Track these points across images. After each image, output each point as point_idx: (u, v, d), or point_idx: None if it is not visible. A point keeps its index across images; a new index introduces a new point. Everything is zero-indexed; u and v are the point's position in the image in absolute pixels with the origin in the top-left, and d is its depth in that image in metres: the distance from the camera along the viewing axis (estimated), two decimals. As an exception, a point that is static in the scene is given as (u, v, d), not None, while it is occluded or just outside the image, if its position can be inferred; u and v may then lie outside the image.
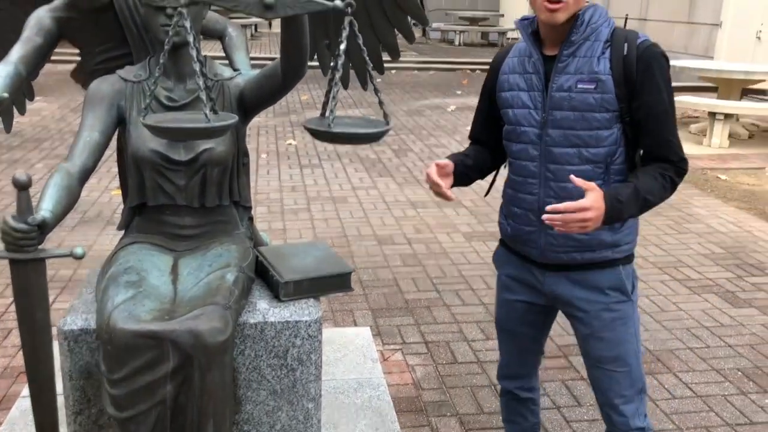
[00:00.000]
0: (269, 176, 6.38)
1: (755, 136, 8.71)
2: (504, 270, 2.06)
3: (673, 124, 1.77)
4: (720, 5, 12.82)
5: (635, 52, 1.72)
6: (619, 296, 1.88)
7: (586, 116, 1.74)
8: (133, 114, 2.09)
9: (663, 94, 1.73)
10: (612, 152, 1.77)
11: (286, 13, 1.68)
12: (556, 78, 1.77)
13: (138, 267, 2.01)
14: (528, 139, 1.83)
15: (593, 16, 1.75)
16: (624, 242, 1.86)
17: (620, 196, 1.68)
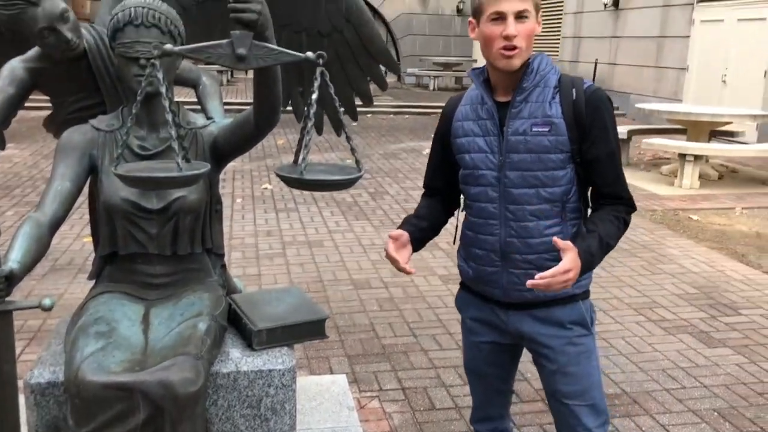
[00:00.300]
0: (244, 221, 6.35)
1: (724, 176, 8.90)
2: (467, 313, 2.10)
3: (620, 163, 1.90)
4: (686, 50, 13.22)
5: (583, 96, 1.81)
6: (581, 330, 1.95)
7: (542, 158, 1.82)
8: (105, 163, 2.09)
9: (610, 134, 1.84)
10: (567, 191, 1.85)
11: (258, 65, 1.71)
12: (511, 123, 1.84)
13: (108, 317, 1.98)
14: (487, 181, 1.89)
15: (541, 64, 1.84)
16: (582, 278, 1.91)
17: (591, 249, 1.78)
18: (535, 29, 1.78)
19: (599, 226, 1.83)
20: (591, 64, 16.44)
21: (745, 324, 4.22)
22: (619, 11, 15.41)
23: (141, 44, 1.96)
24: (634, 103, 11.67)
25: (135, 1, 2.00)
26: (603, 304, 4.48)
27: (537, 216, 1.85)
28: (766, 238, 6.19)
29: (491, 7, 1.75)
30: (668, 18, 13.73)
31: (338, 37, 2.75)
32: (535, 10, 1.77)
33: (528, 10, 1.74)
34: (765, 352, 3.83)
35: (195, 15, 2.63)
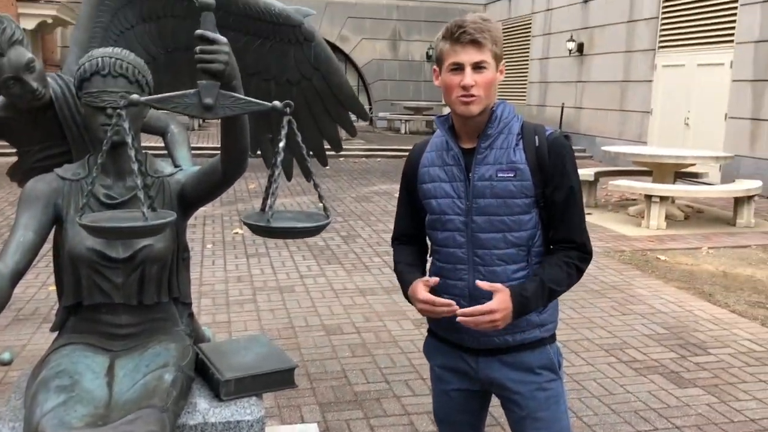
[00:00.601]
0: (215, 267, 6.29)
1: (690, 217, 9.07)
2: (435, 361, 2.09)
3: (581, 209, 1.91)
4: (649, 94, 13.60)
5: (546, 143, 1.86)
6: (549, 375, 1.96)
7: (508, 202, 1.85)
8: (70, 213, 2.07)
9: (572, 180, 1.88)
10: (533, 235, 1.88)
11: (225, 114, 1.72)
12: (477, 168, 1.87)
13: (71, 370, 1.94)
14: (454, 226, 1.91)
15: (503, 111, 1.89)
16: (549, 321, 1.96)
17: (525, 292, 1.81)
18: (494, 79, 1.82)
19: (545, 270, 1.86)
20: (557, 108, 16.82)
21: (714, 363, 4.26)
22: (584, 57, 15.85)
23: (108, 94, 1.96)
24: (600, 146, 11.93)
25: (102, 51, 2.01)
26: (575, 346, 4.49)
27: (504, 260, 1.87)
28: (732, 277, 6.29)
29: (450, 57, 1.80)
30: (631, 63, 14.15)
31: (307, 84, 2.78)
32: (494, 60, 1.81)
33: (485, 61, 1.79)
34: (734, 392, 3.85)
35: (164, 63, 2.65)
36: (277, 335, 4.58)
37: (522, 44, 18.93)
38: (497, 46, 1.81)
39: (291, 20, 2.61)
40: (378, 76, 21.86)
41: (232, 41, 2.49)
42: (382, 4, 21.49)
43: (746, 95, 11.15)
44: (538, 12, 18.03)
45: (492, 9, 21.02)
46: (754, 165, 10.91)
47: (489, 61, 1.79)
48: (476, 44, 1.77)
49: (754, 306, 5.43)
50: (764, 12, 10.77)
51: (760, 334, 4.78)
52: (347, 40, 21.41)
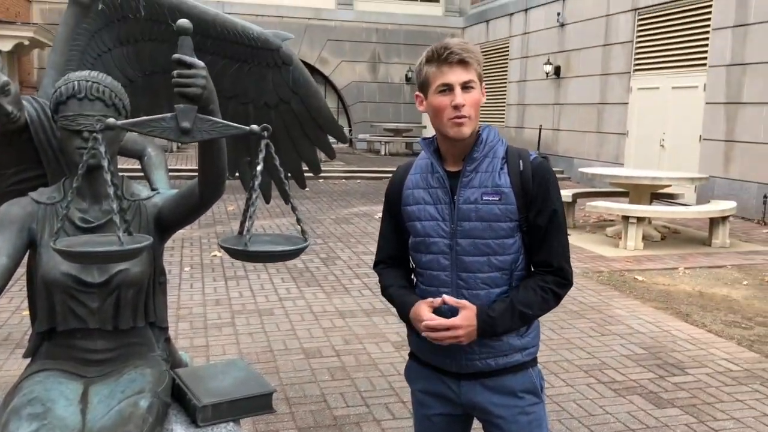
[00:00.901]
0: (192, 290, 6.23)
1: (667, 237, 9.17)
2: (416, 385, 2.08)
3: (562, 234, 1.90)
4: (625, 116, 13.81)
5: (530, 167, 1.88)
6: (532, 398, 1.96)
7: (492, 226, 1.85)
8: (44, 237, 2.04)
9: (555, 204, 1.89)
10: (516, 259, 1.89)
11: (203, 138, 1.71)
12: (462, 191, 1.88)
13: (43, 397, 1.90)
14: (438, 249, 1.91)
15: (489, 135, 1.91)
16: (531, 345, 1.96)
17: (491, 312, 1.82)
18: (480, 99, 1.84)
19: (518, 292, 1.86)
20: (536, 129, 17.01)
21: (692, 383, 4.29)
22: (561, 79, 16.08)
23: (84, 117, 1.95)
24: (577, 167, 12.07)
25: (79, 75, 2.00)
26: (554, 367, 4.50)
27: (488, 284, 1.87)
28: (708, 297, 6.36)
29: (438, 79, 1.81)
30: (607, 86, 14.38)
31: (285, 108, 2.79)
32: (479, 80, 1.83)
33: (473, 80, 1.81)
34: (712, 412, 3.88)
35: (142, 87, 2.64)
36: (256, 359, 4.54)
37: (500, 67, 19.16)
38: (480, 68, 1.84)
39: (269, 44, 2.62)
40: (358, 98, 21.98)
41: (210, 65, 2.50)
42: (362, 27, 21.68)
43: (719, 117, 11.36)
44: (516, 35, 18.29)
45: (470, 32, 21.29)
46: (728, 186, 11.09)
47: (475, 80, 1.82)
48: (464, 64, 1.79)
49: (730, 325, 5.48)
50: (735, 36, 11.03)
51: (736, 354, 4.83)
52: (327, 63, 21.53)
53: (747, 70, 10.82)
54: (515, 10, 18.22)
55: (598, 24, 14.66)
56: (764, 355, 4.80)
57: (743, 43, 10.88)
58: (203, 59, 1.77)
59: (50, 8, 18.58)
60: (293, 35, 2.94)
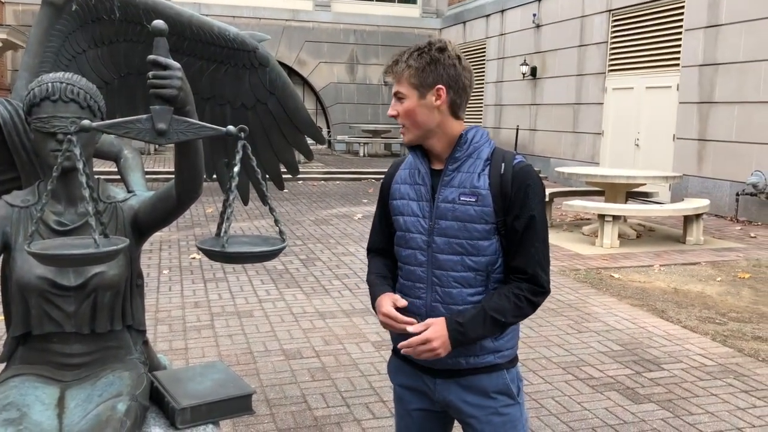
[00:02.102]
0: (171, 293, 6.19)
1: (642, 235, 9.29)
2: (397, 380, 2.09)
3: (540, 242, 1.87)
4: (600, 116, 13.95)
5: (511, 171, 1.87)
6: (506, 400, 1.95)
7: (467, 226, 1.86)
8: (19, 240, 2.02)
9: (533, 210, 1.86)
10: (492, 261, 1.88)
11: (179, 139, 1.71)
12: (442, 190, 1.90)
13: (19, 402, 1.88)
14: (416, 245, 1.93)
15: (475, 136, 1.91)
16: (506, 347, 1.95)
17: (460, 318, 1.82)
18: (413, 108, 1.86)
19: (491, 299, 1.85)
20: (512, 130, 17.13)
21: (667, 379, 4.35)
22: (537, 80, 16.21)
23: (58, 119, 1.94)
24: (554, 167, 12.17)
25: (53, 76, 1.98)
26: (532, 364, 4.54)
27: (461, 283, 1.88)
28: (683, 293, 6.45)
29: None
30: (582, 86, 14.52)
31: (263, 109, 2.79)
32: (414, 89, 1.84)
33: (400, 92, 1.86)
34: (688, 406, 3.94)
35: (117, 88, 2.63)
36: (236, 361, 4.52)
37: (477, 68, 19.26)
38: (418, 77, 1.83)
39: (246, 45, 2.62)
40: (336, 100, 21.96)
41: (186, 66, 2.50)
42: (340, 29, 21.67)
43: (692, 117, 11.53)
44: (492, 36, 18.40)
45: (447, 33, 21.38)
46: (701, 184, 11.26)
47: (404, 92, 1.85)
48: (394, 76, 1.86)
49: (705, 321, 5.57)
50: (707, 37, 11.20)
51: (710, 349, 4.91)
52: (305, 64, 21.49)
53: (719, 70, 11.00)
54: (492, 12, 18.34)
55: (573, 25, 14.80)
56: (737, 350, 4.89)
57: (715, 43, 11.05)
58: (179, 60, 1.77)
59: (23, 9, 18.34)
60: (270, 36, 2.94)
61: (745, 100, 10.52)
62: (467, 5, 20.18)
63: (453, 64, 1.84)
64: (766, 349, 4.90)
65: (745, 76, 10.50)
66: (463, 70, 1.86)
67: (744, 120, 10.55)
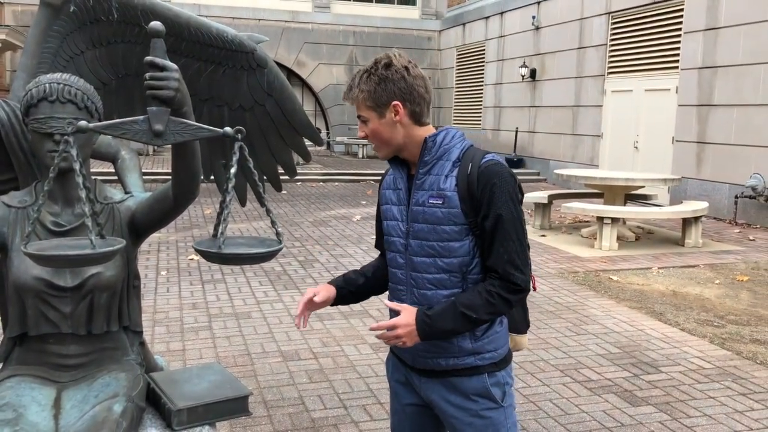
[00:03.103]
0: (169, 294, 6.18)
1: (641, 238, 9.29)
2: (393, 375, 2.13)
3: (510, 240, 1.84)
4: (600, 118, 13.96)
5: (477, 171, 1.86)
6: (487, 403, 1.95)
7: (436, 228, 1.88)
8: (15, 241, 2.02)
9: (500, 209, 1.82)
10: (466, 263, 1.88)
11: (176, 140, 1.71)
12: (415, 193, 1.93)
13: (15, 403, 1.88)
14: (396, 248, 1.98)
15: (445, 138, 1.92)
16: (487, 350, 1.94)
17: (429, 311, 1.84)
18: (376, 128, 1.87)
19: (463, 294, 1.86)
20: (512, 132, 17.13)
21: (665, 381, 4.35)
22: (536, 82, 16.22)
23: (55, 120, 1.94)
24: (553, 169, 12.17)
25: (50, 77, 1.98)
26: (530, 367, 4.54)
27: (435, 285, 1.90)
28: (681, 296, 6.45)
29: None
30: (582, 88, 14.53)
31: (260, 110, 2.79)
32: (373, 111, 1.86)
33: (362, 116, 1.88)
34: (685, 409, 3.94)
35: (115, 89, 2.63)
36: (233, 362, 4.52)
37: (476, 70, 19.28)
38: (372, 99, 1.84)
39: (244, 47, 2.62)
40: (335, 101, 21.96)
41: (184, 67, 2.50)
42: (339, 30, 21.68)
43: (691, 119, 11.54)
44: (492, 38, 18.42)
45: (446, 35, 21.40)
46: (700, 186, 11.27)
47: (364, 115, 1.88)
48: (351, 102, 1.89)
49: (703, 324, 5.57)
50: (706, 39, 11.21)
51: (708, 352, 4.91)
52: (304, 66, 21.50)
53: (718, 73, 11.01)
54: (491, 14, 18.35)
55: (572, 27, 14.81)
56: (735, 353, 4.89)
57: (714, 46, 11.06)
58: (177, 62, 1.77)
59: (22, 10, 18.34)
60: (269, 38, 2.94)
61: (744, 102, 10.53)
62: (467, 7, 20.19)
63: (402, 77, 1.84)
64: (764, 352, 4.90)
65: (744, 78, 10.51)
66: (414, 80, 1.85)
67: (743, 123, 10.56)
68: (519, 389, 4.16)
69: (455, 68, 20.61)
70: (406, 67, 1.85)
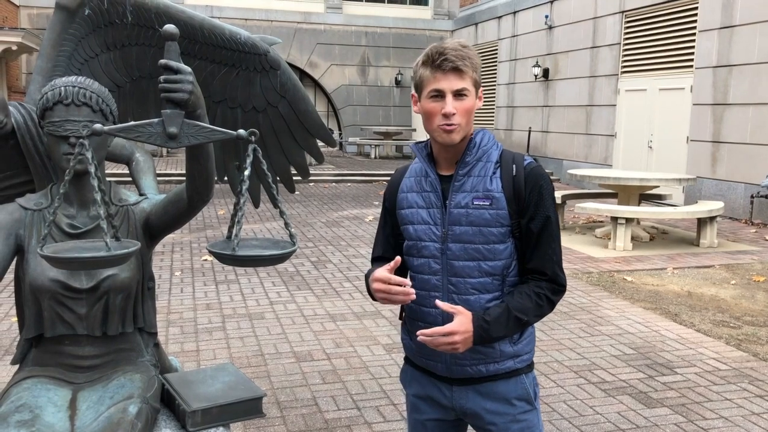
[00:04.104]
0: (183, 294, 6.21)
1: (655, 238, 9.23)
2: (411, 389, 2.05)
3: (555, 241, 1.86)
4: (613, 118, 13.88)
5: (523, 172, 1.85)
6: (524, 406, 1.93)
7: (483, 231, 1.84)
8: (32, 243, 2.04)
9: (548, 210, 1.86)
10: (508, 265, 1.86)
11: (190, 143, 1.71)
12: (454, 195, 1.87)
13: (32, 404, 1.90)
14: (429, 253, 1.90)
15: (483, 139, 1.89)
16: (524, 352, 1.93)
17: (487, 317, 1.79)
18: (473, 106, 1.82)
19: (513, 298, 1.83)
20: (525, 132, 17.07)
21: (681, 383, 4.32)
22: (549, 82, 16.15)
23: (71, 123, 1.95)
24: (566, 169, 12.12)
25: (65, 80, 2.00)
26: (544, 368, 4.51)
27: (478, 289, 1.85)
28: (696, 296, 6.40)
29: (431, 84, 1.79)
30: (595, 88, 14.45)
31: (273, 112, 2.79)
32: (474, 87, 1.81)
33: (466, 89, 1.78)
34: (701, 411, 3.90)
35: (129, 92, 2.64)
36: (247, 363, 4.53)
37: (489, 69, 19.23)
38: (477, 73, 1.81)
39: (257, 48, 2.63)
40: (347, 102, 21.99)
41: (198, 69, 2.51)
42: (351, 31, 21.71)
43: (706, 119, 11.44)
44: (504, 38, 18.36)
45: (459, 35, 21.35)
46: (715, 186, 11.17)
47: (469, 88, 1.79)
48: (458, 72, 1.77)
49: (719, 325, 5.52)
50: (721, 38, 11.11)
51: (724, 353, 4.86)
52: (316, 66, 21.54)
53: (733, 71, 10.91)
54: (504, 13, 18.30)
55: (585, 26, 14.74)
56: (752, 354, 4.84)
57: (729, 44, 10.97)
58: (191, 64, 1.78)
59: (38, 13, 18.51)
60: (281, 39, 2.95)
61: (760, 101, 10.43)
62: (479, 6, 20.15)
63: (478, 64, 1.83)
64: (781, 354, 4.85)
65: (760, 77, 10.41)
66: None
67: (758, 122, 10.46)
68: (533, 390, 4.15)
69: (468, 68, 20.56)
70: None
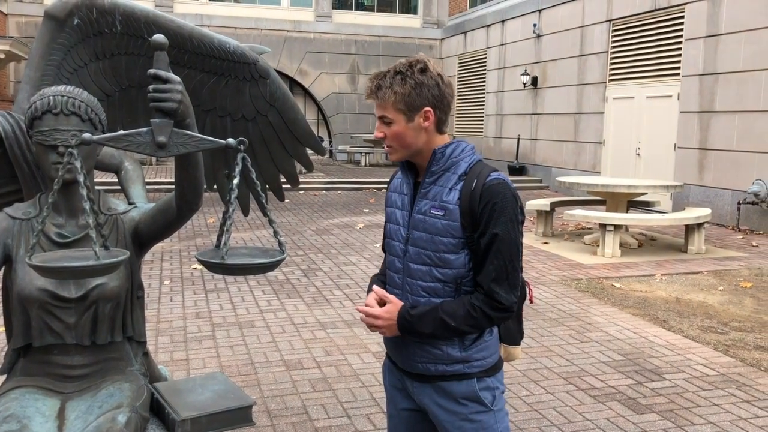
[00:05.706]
0: (172, 303, 6.19)
1: (644, 244, 9.28)
2: (388, 380, 2.14)
3: (500, 259, 1.85)
4: (602, 125, 13.98)
5: (481, 188, 1.87)
6: (477, 407, 1.96)
7: (434, 239, 1.90)
8: (20, 252, 2.03)
9: (497, 228, 1.84)
10: (461, 275, 1.90)
11: (179, 152, 1.72)
12: (418, 201, 1.95)
13: (19, 414, 1.89)
14: (395, 252, 2.00)
15: (454, 151, 1.93)
16: (475, 358, 1.96)
17: (412, 311, 1.89)
18: (403, 130, 1.86)
19: (448, 302, 1.89)
20: (514, 140, 17.15)
21: (669, 389, 4.34)
22: (538, 90, 16.24)
23: (59, 132, 1.95)
24: (555, 176, 12.18)
25: (54, 90, 2.00)
26: (534, 375, 4.53)
27: (429, 293, 1.92)
28: (685, 303, 6.44)
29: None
30: (583, 95, 14.55)
31: (263, 120, 2.80)
32: (401, 114, 1.85)
33: (386, 116, 1.87)
34: (689, 416, 3.93)
35: (119, 101, 2.64)
36: (237, 372, 4.52)
37: (478, 78, 19.32)
38: (405, 102, 1.84)
39: (246, 58, 2.64)
40: (337, 110, 22.02)
41: (187, 79, 2.52)
42: (341, 39, 21.76)
43: (693, 126, 11.54)
44: (493, 46, 18.46)
45: (448, 43, 21.46)
46: (702, 193, 11.26)
47: (390, 115, 1.86)
48: (377, 100, 1.87)
49: (707, 331, 5.56)
50: (707, 46, 11.23)
51: (712, 359, 4.89)
52: (306, 75, 21.57)
53: (719, 79, 11.02)
54: (492, 22, 18.40)
55: (573, 35, 14.85)
56: (739, 360, 4.88)
57: (715, 52, 11.08)
58: (180, 73, 1.79)
59: (26, 21, 18.45)
60: (270, 49, 2.96)
61: (746, 109, 10.54)
62: (468, 15, 20.26)
63: (437, 83, 1.86)
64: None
65: (746, 85, 10.52)
66: (446, 88, 1.88)
67: (745, 129, 10.57)
68: (522, 397, 4.16)
69: (457, 76, 20.65)
70: (440, 75, 1.88)
